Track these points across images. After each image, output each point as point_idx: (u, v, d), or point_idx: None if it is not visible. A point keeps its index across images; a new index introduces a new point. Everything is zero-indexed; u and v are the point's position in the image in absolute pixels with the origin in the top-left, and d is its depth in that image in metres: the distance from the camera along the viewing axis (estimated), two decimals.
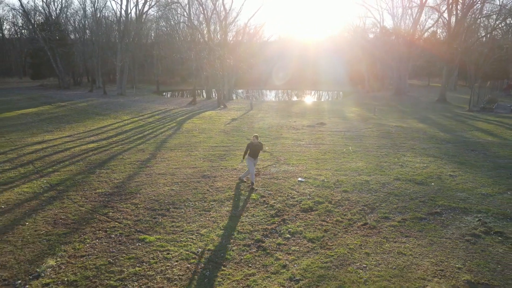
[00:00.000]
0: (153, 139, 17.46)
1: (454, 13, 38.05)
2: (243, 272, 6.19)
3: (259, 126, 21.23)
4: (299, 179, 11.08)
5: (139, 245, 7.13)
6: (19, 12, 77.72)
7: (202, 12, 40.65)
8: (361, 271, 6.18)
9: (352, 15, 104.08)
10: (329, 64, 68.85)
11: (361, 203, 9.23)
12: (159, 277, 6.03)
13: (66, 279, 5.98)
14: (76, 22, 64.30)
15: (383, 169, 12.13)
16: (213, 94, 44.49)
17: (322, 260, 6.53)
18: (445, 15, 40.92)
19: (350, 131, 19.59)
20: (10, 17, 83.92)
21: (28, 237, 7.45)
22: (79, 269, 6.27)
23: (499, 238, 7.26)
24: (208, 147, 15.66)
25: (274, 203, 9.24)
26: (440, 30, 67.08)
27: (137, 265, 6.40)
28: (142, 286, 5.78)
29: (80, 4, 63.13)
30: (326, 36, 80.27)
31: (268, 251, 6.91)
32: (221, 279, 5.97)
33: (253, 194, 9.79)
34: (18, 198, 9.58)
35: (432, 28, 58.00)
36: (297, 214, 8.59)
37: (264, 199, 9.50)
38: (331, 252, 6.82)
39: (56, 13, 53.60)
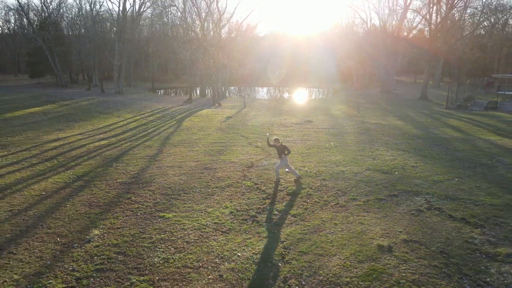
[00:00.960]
0: (157, 136, 19.47)
1: (435, 15, 40.39)
2: (242, 237, 8.32)
3: (252, 124, 23.33)
4: (286, 169, 13.22)
5: (160, 220, 9.21)
6: (12, 10, 78.48)
7: (196, 13, 42.41)
8: (329, 235, 8.35)
9: (341, 14, 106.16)
10: (320, 61, 70.95)
11: (335, 188, 11.41)
12: (180, 241, 8.13)
13: (110, 242, 8.05)
14: (70, 18, 65.55)
15: (358, 161, 14.34)
16: (207, 92, 46.33)
17: (301, 229, 8.68)
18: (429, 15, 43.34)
19: (334, 128, 21.79)
20: (3, 15, 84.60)
21: (72, 215, 9.50)
22: (118, 236, 8.35)
23: (437, 212, 9.49)
24: (207, 143, 17.73)
25: (266, 189, 11.37)
26: (427, 29, 69.84)
27: (162, 233, 8.49)
28: (168, 247, 7.88)
29: (76, 2, 63.98)
30: (318, 32, 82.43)
31: (261, 223, 9.05)
32: (226, 242, 8.09)
33: (247, 182, 11.92)
34: (53, 187, 11.59)
35: (419, 26, 60.49)
36: (283, 197, 10.73)
37: (257, 186, 11.63)
38: (308, 223, 8.98)
39: (52, 11, 54.81)
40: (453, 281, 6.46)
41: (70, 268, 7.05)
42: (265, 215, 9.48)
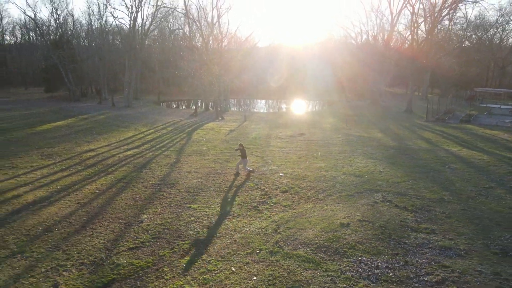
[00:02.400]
0: (173, 148, 23.11)
1: (416, 37, 44.49)
2: (247, 219, 11.94)
3: (253, 136, 27.01)
4: (280, 174, 16.88)
5: (188, 209, 12.83)
6: (20, 25, 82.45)
7: (200, 34, 46.37)
8: (308, 218, 11.97)
9: (335, 27, 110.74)
10: (317, 71, 74.68)
11: (317, 188, 15.05)
12: (205, 221, 11.74)
13: (157, 223, 11.65)
14: (76, 30, 69.58)
15: (337, 168, 18.00)
16: (210, 105, 50.06)
17: (289, 214, 12.30)
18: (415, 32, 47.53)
19: (322, 140, 25.48)
20: (10, 29, 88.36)
21: (124, 206, 13.11)
22: (162, 219, 11.96)
23: (388, 203, 13.13)
24: (215, 153, 21.39)
25: (264, 188, 15.02)
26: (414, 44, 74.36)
27: (191, 217, 12.09)
28: (198, 225, 11.49)
29: (85, 19, 68.07)
30: (314, 43, 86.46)
31: (260, 210, 12.67)
32: (237, 222, 11.71)
33: (250, 183, 15.57)
34: (102, 187, 15.21)
35: (407, 41, 64.62)
36: (277, 194, 14.36)
37: (257, 186, 15.27)
38: (294, 211, 12.60)
39: (64, 30, 58.85)
40: (383, 242, 10.09)
41: (135, 237, 10.66)
42: (264, 206, 13.11)
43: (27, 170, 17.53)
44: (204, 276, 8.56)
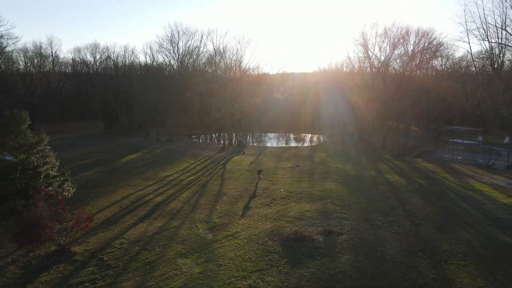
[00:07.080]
0: (216, 175, 37.61)
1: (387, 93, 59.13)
2: (263, 209, 26.20)
3: (266, 167, 41.38)
4: (281, 190, 31.15)
5: (237, 204, 27.16)
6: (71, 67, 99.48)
7: (227, 90, 61.97)
8: (292, 208, 26.15)
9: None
10: (325, 101, 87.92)
11: (299, 197, 29.22)
12: (244, 209, 26.08)
13: (223, 209, 26.02)
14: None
15: (313, 187, 32.16)
16: (233, 139, 64.64)
17: (284, 207, 26.54)
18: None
19: (310, 170, 39.68)
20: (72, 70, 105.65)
21: (205, 203, 27.53)
22: (225, 208, 26.32)
23: (332, 203, 27.21)
24: (244, 178, 35.80)
25: (272, 196, 29.29)
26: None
27: (238, 208, 26.42)
28: (243, 208, 25.81)
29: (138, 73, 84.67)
30: (322, 70, 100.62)
31: (270, 206, 26.94)
32: (258, 210, 25.98)
33: (265, 194, 29.91)
34: (189, 196, 29.68)
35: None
36: (279, 199, 28.59)
37: (268, 195, 29.56)
38: (286, 206, 26.81)
39: (123, 82, 75.27)
40: (322, 216, 24.22)
41: (217, 214, 25.04)
42: (271, 205, 27.37)
43: (142, 187, 32.20)
44: (248, 224, 22.86)
